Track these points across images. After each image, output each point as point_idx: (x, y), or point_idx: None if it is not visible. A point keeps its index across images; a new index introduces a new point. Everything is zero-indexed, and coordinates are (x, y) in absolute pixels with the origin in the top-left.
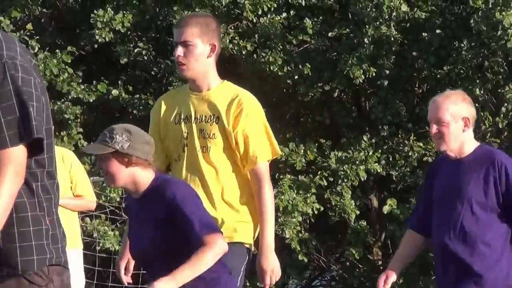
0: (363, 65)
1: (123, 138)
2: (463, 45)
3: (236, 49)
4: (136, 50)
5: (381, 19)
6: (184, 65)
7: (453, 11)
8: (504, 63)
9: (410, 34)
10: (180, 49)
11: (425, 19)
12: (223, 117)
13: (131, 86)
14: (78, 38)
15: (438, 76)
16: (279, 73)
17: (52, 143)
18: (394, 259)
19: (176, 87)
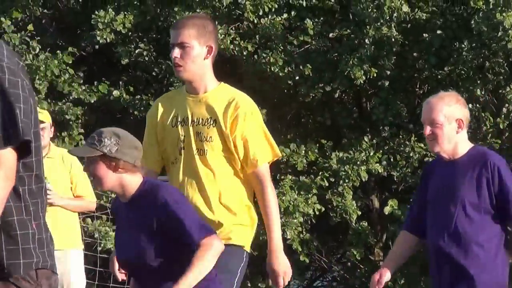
0: (364, 65)
1: (111, 142)
2: (464, 45)
3: (237, 49)
4: (137, 51)
5: (382, 20)
6: (180, 66)
7: (454, 11)
8: (505, 64)
9: (411, 34)
10: (177, 51)
11: (426, 19)
12: (220, 120)
13: (132, 86)
14: (79, 39)
15: (439, 76)
16: (280, 74)
17: (40, 146)
18: (387, 258)
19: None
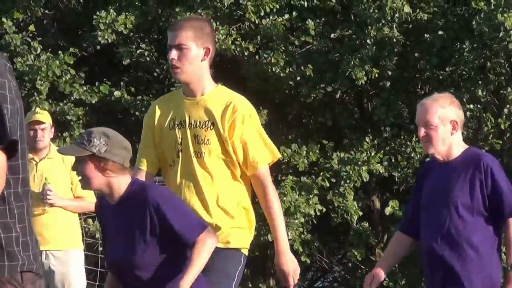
0: (366, 66)
1: (100, 142)
2: (465, 46)
3: (238, 50)
4: (138, 51)
5: (383, 21)
6: (178, 68)
7: (455, 12)
8: (507, 65)
9: (412, 35)
10: (174, 52)
11: (427, 20)
12: (218, 122)
13: (133, 87)
14: (80, 39)
15: (441, 77)
16: (281, 74)
17: (25, 149)
18: (381, 259)
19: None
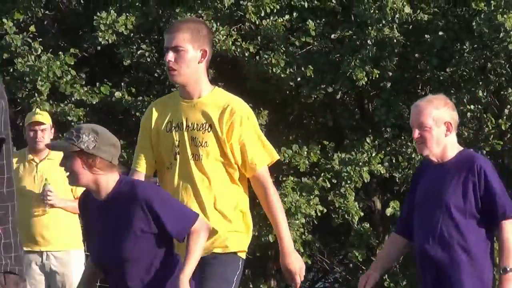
0: (366, 67)
1: (89, 138)
2: (465, 47)
3: (238, 51)
4: (139, 52)
5: (384, 21)
6: (175, 70)
7: (456, 13)
8: (507, 65)
9: (413, 36)
10: (171, 54)
11: (427, 21)
12: (216, 125)
13: (134, 88)
14: (81, 40)
15: (441, 78)
16: (282, 75)
17: (10, 149)
18: (375, 261)
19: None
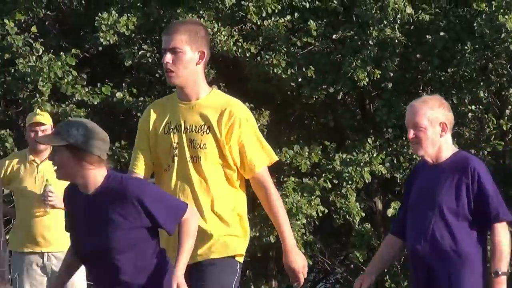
0: (367, 67)
1: (78, 133)
2: (467, 47)
3: (240, 51)
4: (140, 53)
5: (385, 21)
6: (172, 72)
7: (457, 13)
8: (508, 66)
9: (414, 36)
10: (168, 56)
11: (429, 21)
12: (214, 127)
13: (135, 88)
14: (82, 40)
15: (442, 78)
16: (283, 76)
17: None
18: (371, 262)
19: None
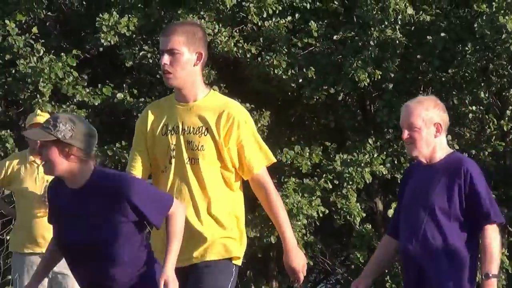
0: (368, 68)
1: (66, 128)
2: (467, 48)
3: (240, 52)
4: (141, 53)
5: (386, 22)
6: (170, 73)
7: (458, 14)
8: (509, 66)
9: (415, 37)
10: (166, 57)
11: (430, 22)
12: (213, 128)
13: (136, 89)
14: (83, 41)
15: (443, 79)
16: (284, 77)
17: None
18: (368, 264)
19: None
